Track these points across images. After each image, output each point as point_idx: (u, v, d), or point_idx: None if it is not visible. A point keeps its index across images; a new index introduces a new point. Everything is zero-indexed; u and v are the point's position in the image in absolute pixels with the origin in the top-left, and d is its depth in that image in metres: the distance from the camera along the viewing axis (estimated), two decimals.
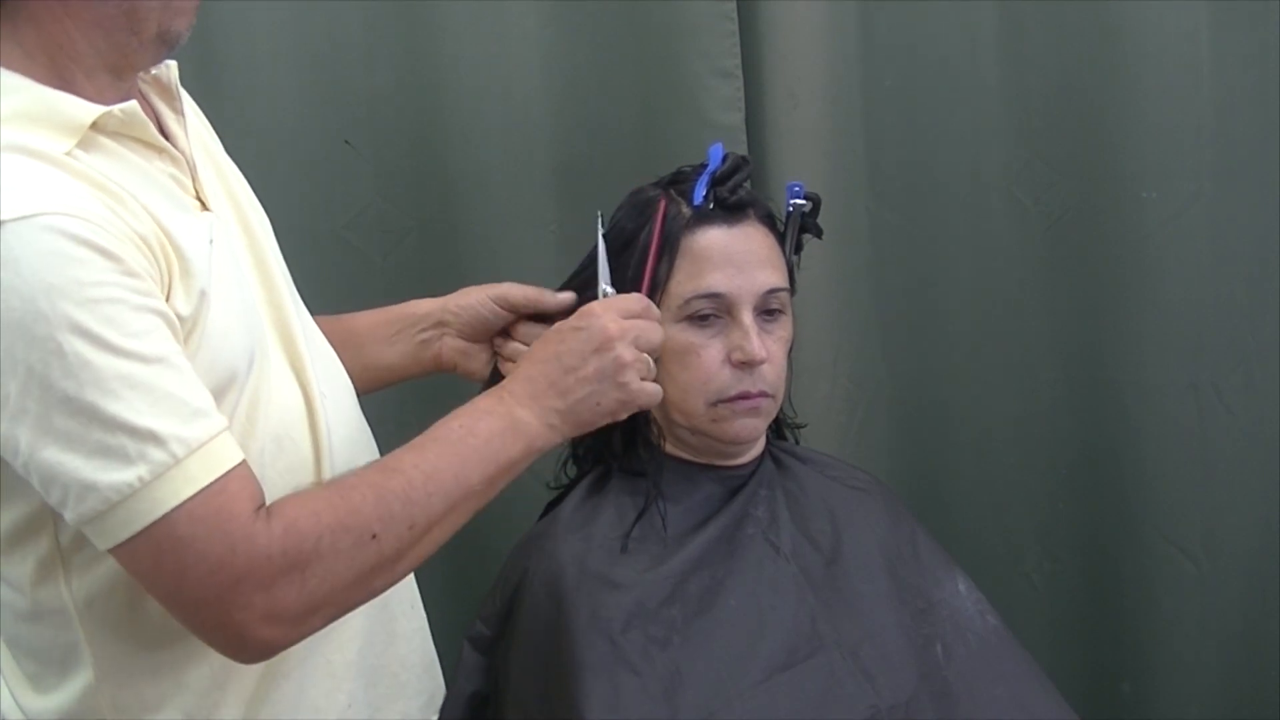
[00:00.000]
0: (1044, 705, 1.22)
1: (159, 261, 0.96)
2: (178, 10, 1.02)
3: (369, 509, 0.98)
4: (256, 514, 0.94)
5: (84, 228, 0.90)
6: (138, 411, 0.89)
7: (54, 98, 0.97)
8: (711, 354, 1.19)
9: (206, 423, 0.93)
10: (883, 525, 1.27)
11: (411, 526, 1.00)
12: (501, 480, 1.06)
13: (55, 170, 0.93)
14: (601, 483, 1.26)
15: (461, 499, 1.03)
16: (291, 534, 0.94)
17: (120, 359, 0.89)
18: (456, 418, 1.06)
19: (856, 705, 1.13)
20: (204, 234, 1.02)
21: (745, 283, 1.19)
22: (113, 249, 0.91)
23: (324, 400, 1.11)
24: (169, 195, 1.02)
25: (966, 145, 1.70)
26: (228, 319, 1.02)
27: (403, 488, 1.00)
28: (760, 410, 1.21)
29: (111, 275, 0.90)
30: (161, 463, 0.90)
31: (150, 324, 0.92)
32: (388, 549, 0.99)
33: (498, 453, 1.05)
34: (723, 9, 1.64)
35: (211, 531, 0.91)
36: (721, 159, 1.23)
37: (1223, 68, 1.63)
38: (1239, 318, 1.66)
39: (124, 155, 1.00)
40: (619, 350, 1.08)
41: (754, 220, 1.23)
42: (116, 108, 0.98)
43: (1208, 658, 1.72)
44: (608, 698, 1.09)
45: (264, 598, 0.93)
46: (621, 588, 1.15)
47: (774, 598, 1.17)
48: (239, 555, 0.92)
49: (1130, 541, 1.73)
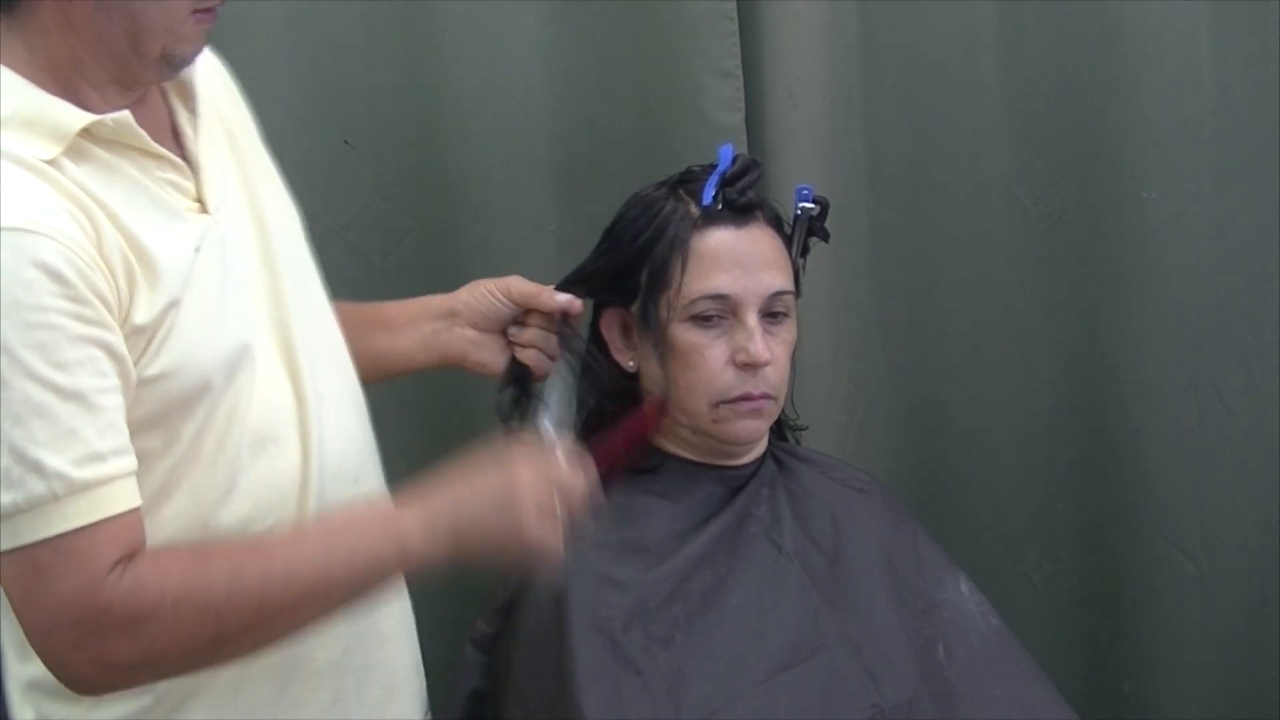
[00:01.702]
0: (1045, 706, 1.22)
1: (118, 280, 0.96)
2: (183, 37, 1.03)
3: (221, 585, 0.98)
4: (115, 565, 0.95)
5: (42, 247, 0.91)
6: (34, 441, 0.91)
7: (47, 104, 0.98)
8: (715, 354, 1.19)
9: (100, 468, 0.94)
10: (884, 526, 1.28)
11: (260, 610, 1.00)
12: (369, 582, 1.06)
13: (33, 179, 0.94)
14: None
15: (322, 591, 1.03)
16: (136, 592, 0.95)
17: (36, 386, 0.91)
18: (352, 509, 1.09)
19: (859, 704, 1.13)
20: (191, 241, 1.03)
21: (751, 284, 1.19)
22: (65, 273, 0.92)
23: (320, 403, 1.12)
24: (157, 203, 1.03)
25: (966, 145, 1.70)
26: (202, 328, 1.02)
27: (261, 569, 1.00)
28: (762, 412, 1.21)
29: (55, 301, 0.91)
30: (39, 495, 0.92)
31: (84, 355, 0.93)
32: (229, 626, 0.99)
33: (369, 553, 1.04)
34: (723, 9, 1.63)
35: (67, 571, 0.93)
36: (731, 160, 1.23)
37: (1223, 68, 1.62)
38: (1239, 318, 1.66)
39: (114, 164, 1.01)
40: (522, 499, 1.06)
41: (762, 222, 1.23)
42: (108, 117, 0.99)
43: (1208, 657, 1.72)
44: (609, 697, 1.09)
45: (96, 643, 0.95)
46: (623, 587, 1.15)
47: (776, 596, 1.18)
48: (81, 599, 0.94)
49: (1130, 541, 1.73)
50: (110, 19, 0.99)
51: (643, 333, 1.23)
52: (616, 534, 1.20)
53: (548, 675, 1.13)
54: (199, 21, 1.03)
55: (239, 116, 1.22)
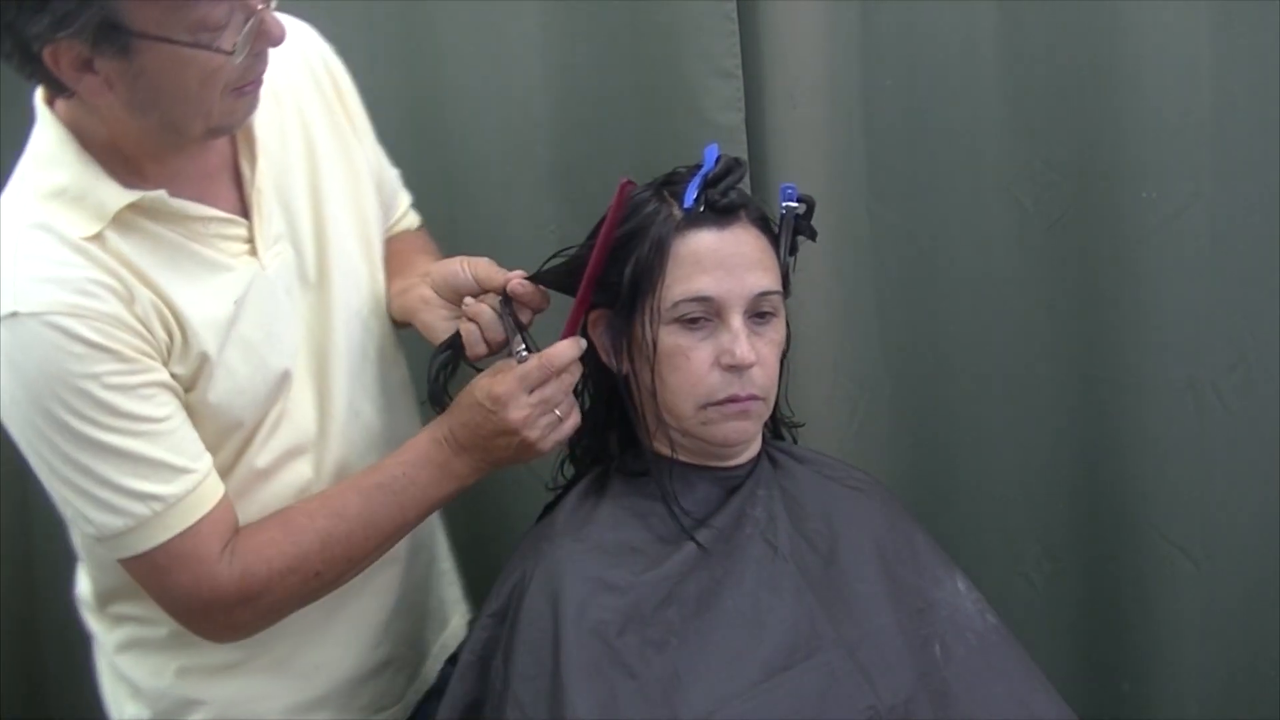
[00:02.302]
0: (1043, 704, 1.22)
1: (154, 332, 1.14)
2: (224, 113, 1.13)
3: (315, 553, 1.20)
4: (222, 553, 1.16)
5: (81, 326, 1.08)
6: (123, 474, 1.11)
7: (93, 183, 1.12)
8: (701, 357, 1.18)
9: (185, 479, 1.14)
10: (880, 525, 1.27)
11: (350, 560, 1.23)
12: (434, 511, 1.28)
13: (74, 256, 1.10)
14: (599, 483, 1.27)
15: (398, 534, 1.26)
16: (246, 576, 1.17)
17: (112, 435, 1.10)
18: (400, 463, 1.25)
19: (855, 705, 1.13)
20: (231, 294, 1.18)
21: (735, 286, 1.18)
22: (104, 342, 1.09)
23: (341, 416, 1.29)
24: (199, 261, 1.17)
25: (966, 145, 1.69)
26: (236, 378, 1.19)
27: (346, 534, 1.21)
28: (750, 413, 1.20)
29: (105, 366, 1.09)
30: (142, 516, 1.13)
31: (139, 398, 1.12)
32: (329, 578, 1.22)
33: (434, 497, 1.26)
34: (723, 9, 1.63)
35: (184, 567, 1.15)
36: (715, 161, 1.22)
37: (1223, 68, 1.62)
38: (1238, 317, 1.66)
39: (156, 233, 1.15)
40: (524, 434, 1.21)
41: (746, 222, 1.22)
42: (145, 197, 1.12)
43: (1207, 657, 1.72)
44: (604, 701, 1.10)
45: (224, 617, 1.19)
46: (618, 590, 1.16)
47: (772, 598, 1.17)
48: (202, 586, 1.16)
49: (1129, 541, 1.73)
50: (145, 117, 1.12)
51: (629, 336, 1.22)
52: (612, 536, 1.20)
53: (543, 679, 1.13)
54: (240, 96, 1.13)
55: (326, 113, 1.30)
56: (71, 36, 1.03)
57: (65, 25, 1.02)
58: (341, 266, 1.29)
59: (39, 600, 1.81)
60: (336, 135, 1.32)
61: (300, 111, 1.29)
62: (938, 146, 1.70)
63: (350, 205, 1.32)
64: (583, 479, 1.28)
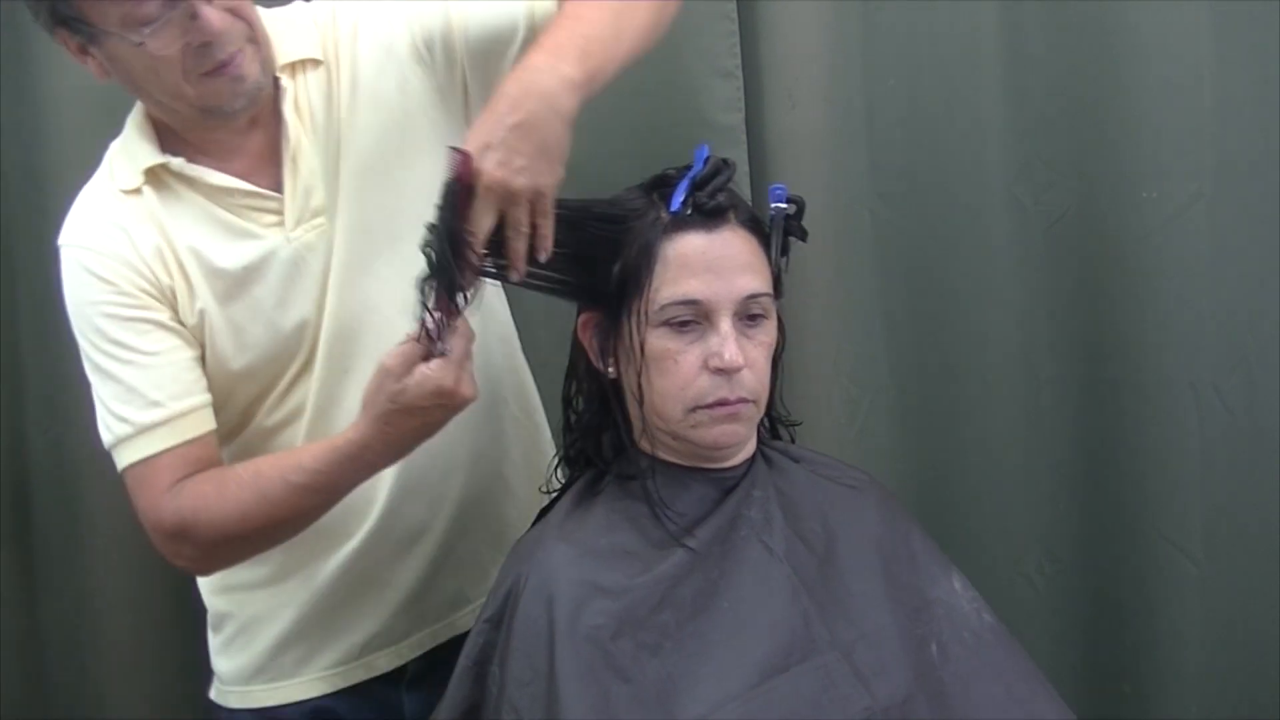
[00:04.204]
0: (1041, 703, 1.22)
1: (160, 280, 1.28)
2: (202, 96, 1.23)
3: (234, 522, 1.25)
4: (170, 489, 1.27)
5: (95, 261, 1.27)
6: (110, 394, 1.28)
7: (139, 144, 1.30)
8: (689, 360, 1.18)
9: (156, 412, 1.27)
10: (877, 523, 1.27)
11: (271, 539, 1.30)
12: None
13: (120, 201, 1.29)
14: (593, 486, 1.26)
15: (321, 515, 1.29)
16: (180, 517, 1.26)
17: (104, 357, 1.28)
18: (319, 465, 1.25)
19: (851, 707, 1.13)
20: (244, 259, 1.29)
21: (724, 288, 1.17)
22: (107, 276, 1.27)
23: (346, 396, 1.31)
24: (224, 227, 1.29)
25: (967, 146, 1.69)
26: (244, 336, 1.31)
27: (265, 515, 1.25)
28: (739, 416, 1.19)
29: (105, 295, 1.27)
30: (121, 435, 1.28)
31: (133, 331, 1.27)
32: (257, 543, 1.30)
33: (356, 484, 1.27)
34: (723, 9, 1.64)
35: (141, 492, 1.29)
36: (704, 162, 1.21)
37: (1223, 67, 1.62)
38: (1239, 318, 1.65)
39: (187, 196, 1.30)
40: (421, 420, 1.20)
41: (735, 224, 1.21)
42: (171, 161, 1.28)
43: (1208, 658, 1.71)
44: (598, 705, 1.10)
45: (169, 546, 1.29)
46: (612, 594, 1.15)
47: (768, 600, 1.17)
48: (150, 513, 1.28)
49: (1130, 542, 1.72)
50: (141, 97, 1.28)
51: (618, 338, 1.22)
52: (605, 540, 1.20)
53: (538, 683, 1.13)
54: (213, 78, 1.22)
55: (371, 103, 1.32)
56: (45, 28, 1.21)
57: (36, 17, 1.21)
58: (400, 251, 1.25)
59: (39, 600, 1.81)
60: (382, 125, 1.33)
61: (352, 83, 1.32)
62: (938, 146, 1.70)
63: (384, 198, 1.33)
64: (576, 482, 1.28)
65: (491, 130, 1.12)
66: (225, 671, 1.46)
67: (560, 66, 1.15)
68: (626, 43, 1.22)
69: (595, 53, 1.18)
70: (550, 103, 1.14)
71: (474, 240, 1.12)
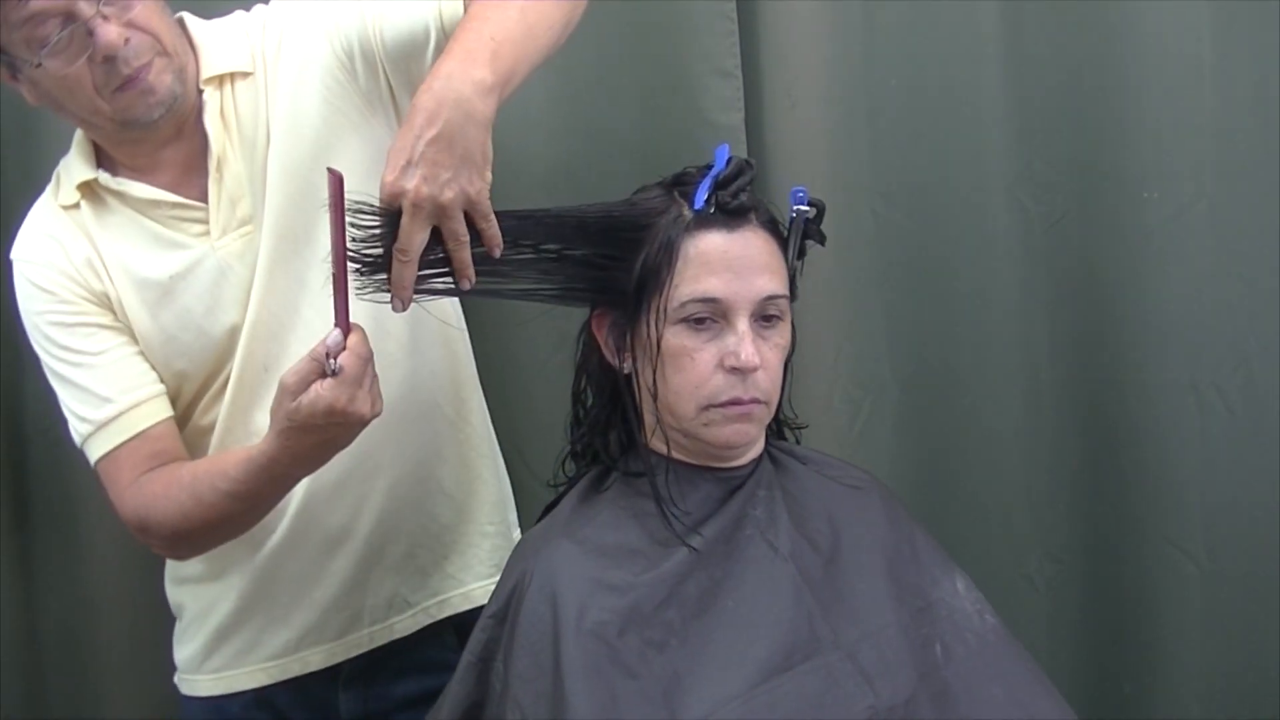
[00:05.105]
0: (1043, 704, 1.21)
1: (93, 288, 1.34)
2: (117, 110, 1.26)
3: (176, 520, 1.31)
4: (132, 482, 1.33)
5: (35, 272, 1.35)
6: (69, 396, 1.36)
7: (74, 160, 1.36)
8: (705, 358, 1.18)
9: (107, 408, 1.34)
10: (881, 524, 1.27)
11: (210, 512, 1.30)
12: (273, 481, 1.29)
13: (57, 216, 1.36)
14: (599, 482, 1.26)
15: (260, 517, 1.34)
16: (139, 511, 1.33)
17: (56, 362, 1.36)
18: (244, 478, 1.27)
19: (855, 706, 1.13)
20: (169, 269, 1.34)
21: (743, 288, 1.18)
22: (50, 287, 1.34)
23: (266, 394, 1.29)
24: (152, 237, 1.35)
25: (968, 146, 1.69)
26: (176, 342, 1.35)
27: (201, 517, 1.30)
28: (751, 416, 1.20)
29: (49, 304, 1.35)
30: (82, 433, 1.36)
31: (78, 335, 1.34)
32: (196, 522, 1.31)
33: (285, 489, 1.32)
34: (723, 9, 1.64)
35: (108, 485, 1.36)
36: (725, 162, 1.22)
37: (1224, 67, 1.62)
38: (1239, 318, 1.66)
39: (113, 208, 1.36)
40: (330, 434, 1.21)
41: (755, 225, 1.21)
42: (101, 176, 1.34)
43: (1209, 658, 1.71)
44: (604, 702, 1.09)
45: (141, 537, 1.36)
46: (618, 591, 1.15)
47: (772, 599, 1.17)
48: (118, 510, 1.35)
49: (1132, 542, 1.73)
50: (64, 116, 1.31)
51: (634, 334, 1.22)
52: (611, 537, 1.20)
53: (543, 680, 1.13)
54: (122, 93, 1.25)
55: (294, 112, 1.34)
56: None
57: None
58: (284, 254, 1.34)
59: (39, 600, 1.81)
60: (308, 126, 1.34)
61: (276, 93, 1.34)
62: (939, 146, 1.70)
63: (299, 210, 1.34)
64: (582, 479, 1.28)
65: (411, 146, 1.11)
66: (180, 659, 1.51)
67: (472, 71, 1.14)
68: (538, 39, 1.22)
69: (506, 54, 1.17)
70: (466, 109, 1.12)
71: (406, 259, 1.12)
